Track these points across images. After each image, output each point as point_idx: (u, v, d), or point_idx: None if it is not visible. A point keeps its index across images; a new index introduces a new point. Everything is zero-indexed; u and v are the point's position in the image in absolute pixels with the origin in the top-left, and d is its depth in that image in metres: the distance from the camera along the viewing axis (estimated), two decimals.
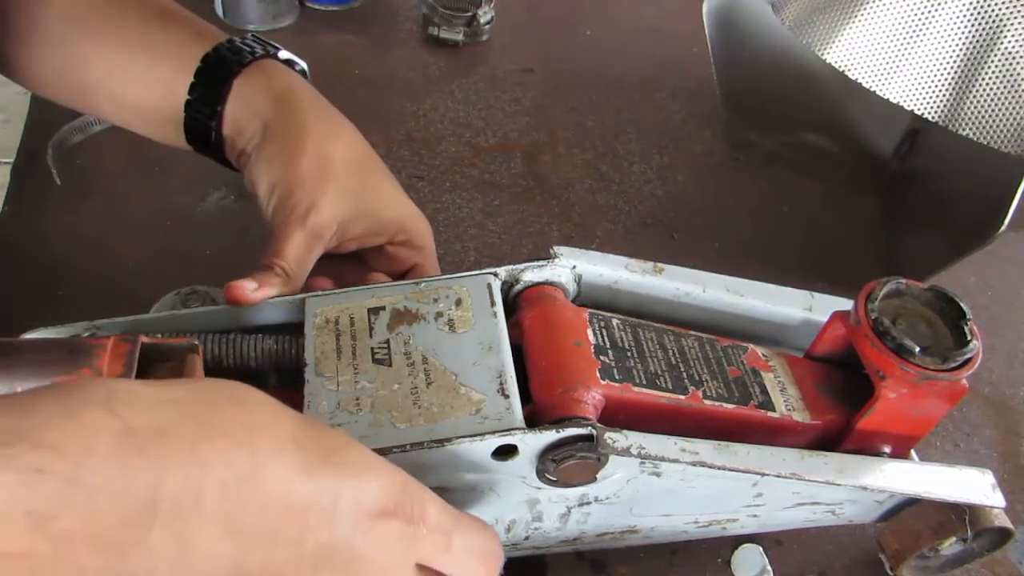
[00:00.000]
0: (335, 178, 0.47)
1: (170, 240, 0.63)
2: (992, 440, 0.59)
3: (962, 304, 0.43)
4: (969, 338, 0.42)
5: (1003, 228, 0.55)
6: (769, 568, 0.50)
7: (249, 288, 0.43)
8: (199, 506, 0.27)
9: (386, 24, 0.86)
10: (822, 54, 0.58)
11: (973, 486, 0.44)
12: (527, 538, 0.45)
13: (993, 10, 0.54)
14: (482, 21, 0.83)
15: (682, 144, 0.77)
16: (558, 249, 0.47)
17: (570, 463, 0.39)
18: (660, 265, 0.49)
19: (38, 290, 0.59)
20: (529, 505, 0.43)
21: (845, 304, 0.47)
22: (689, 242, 0.69)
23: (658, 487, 0.43)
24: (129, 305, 0.47)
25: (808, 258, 0.69)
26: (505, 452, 0.39)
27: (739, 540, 0.51)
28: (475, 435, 0.38)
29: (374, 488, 0.32)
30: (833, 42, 0.58)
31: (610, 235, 0.68)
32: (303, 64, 0.52)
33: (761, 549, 0.50)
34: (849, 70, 0.58)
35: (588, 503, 0.43)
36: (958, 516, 0.45)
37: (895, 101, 0.57)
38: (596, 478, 0.41)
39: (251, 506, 0.28)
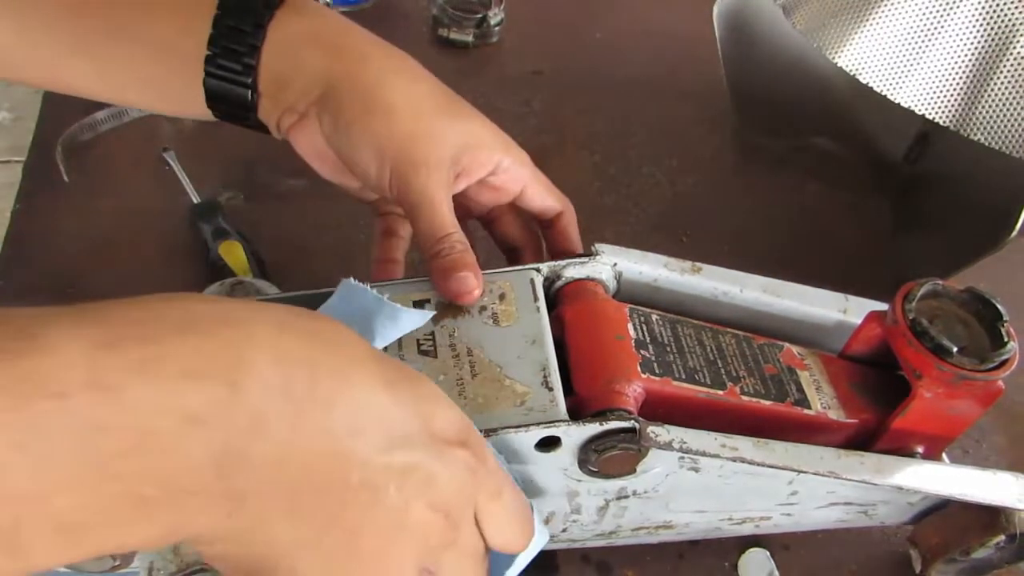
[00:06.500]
0: (436, 120, 0.44)
1: (179, 239, 0.63)
2: (1001, 446, 0.59)
3: (999, 306, 0.44)
4: (1006, 339, 0.43)
5: (1014, 233, 0.55)
6: (776, 572, 0.50)
7: (474, 287, 0.43)
8: (312, 395, 0.28)
9: (396, 25, 0.86)
10: (833, 58, 0.58)
11: (1010, 490, 0.45)
12: (564, 531, 0.46)
13: (1006, 14, 0.54)
14: (492, 23, 0.83)
15: (692, 147, 0.77)
16: (599, 246, 0.48)
17: (612, 454, 0.40)
18: (698, 264, 0.49)
19: (49, 287, 0.59)
20: (568, 497, 0.43)
21: (880, 307, 0.47)
22: (698, 245, 0.68)
23: (695, 482, 0.43)
24: None
25: (817, 261, 0.68)
26: (548, 444, 0.39)
27: (746, 544, 0.51)
28: (520, 426, 0.38)
29: (449, 416, 0.32)
30: (844, 46, 0.58)
31: (619, 238, 0.67)
32: None
33: (768, 553, 0.50)
34: (860, 74, 0.57)
35: (626, 496, 0.44)
36: (1008, 519, 0.45)
37: (906, 105, 0.56)
38: (636, 470, 0.41)
39: (341, 408, 0.28)
